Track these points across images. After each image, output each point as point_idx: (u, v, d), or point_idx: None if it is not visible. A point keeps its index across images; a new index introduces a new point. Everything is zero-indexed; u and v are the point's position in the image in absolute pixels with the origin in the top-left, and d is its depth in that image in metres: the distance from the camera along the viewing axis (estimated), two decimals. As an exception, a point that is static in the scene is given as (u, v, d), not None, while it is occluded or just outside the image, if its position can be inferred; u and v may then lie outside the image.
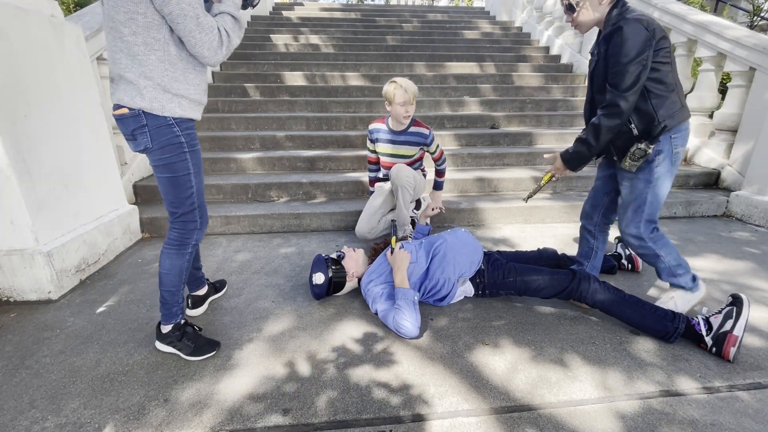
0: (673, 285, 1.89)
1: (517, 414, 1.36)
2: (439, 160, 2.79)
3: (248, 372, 1.56)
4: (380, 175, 2.91)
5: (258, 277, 2.35)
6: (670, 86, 1.59)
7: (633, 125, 1.65)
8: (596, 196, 1.99)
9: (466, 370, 1.57)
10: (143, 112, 1.37)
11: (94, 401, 1.42)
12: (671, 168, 1.68)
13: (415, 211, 2.89)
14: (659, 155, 1.65)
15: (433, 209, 2.75)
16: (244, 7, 1.54)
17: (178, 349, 1.63)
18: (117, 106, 1.39)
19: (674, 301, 1.86)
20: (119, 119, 1.41)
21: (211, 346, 1.66)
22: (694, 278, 1.86)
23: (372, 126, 2.78)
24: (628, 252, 2.34)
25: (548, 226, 3.16)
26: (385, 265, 2.03)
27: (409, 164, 2.76)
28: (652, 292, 2.12)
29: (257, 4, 1.58)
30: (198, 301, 1.98)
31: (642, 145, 1.63)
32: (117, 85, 1.38)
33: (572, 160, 1.82)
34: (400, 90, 2.46)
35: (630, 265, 2.33)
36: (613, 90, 1.58)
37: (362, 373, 1.55)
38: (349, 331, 1.82)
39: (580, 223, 2.09)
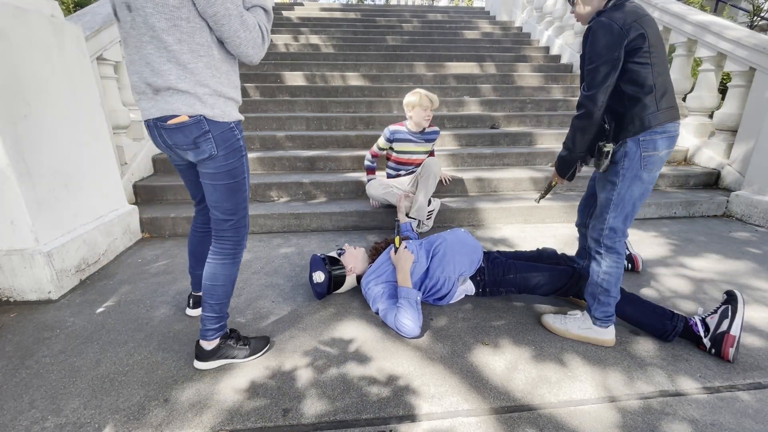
0: (587, 308, 1.75)
1: (517, 414, 1.36)
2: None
3: (248, 372, 1.56)
4: (390, 171, 3.18)
5: (258, 277, 2.35)
6: (646, 88, 1.52)
7: (606, 124, 1.62)
8: (587, 197, 1.97)
9: (466, 370, 1.57)
10: (205, 118, 1.29)
11: (94, 401, 1.42)
12: (640, 172, 1.58)
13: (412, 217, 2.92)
14: (626, 157, 1.58)
15: (446, 180, 3.37)
16: None
17: (232, 357, 1.58)
18: (170, 116, 1.30)
19: (571, 320, 1.76)
20: (177, 128, 1.30)
21: (263, 342, 1.65)
22: (608, 320, 1.70)
23: (393, 128, 2.99)
24: (628, 252, 2.34)
25: (548, 226, 3.16)
26: (386, 264, 2.04)
27: (419, 163, 3.10)
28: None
29: None
30: (200, 302, 1.89)
31: (608, 144, 1.59)
32: (164, 97, 1.28)
33: (559, 166, 1.78)
34: (425, 99, 2.83)
35: (630, 265, 2.33)
36: (582, 90, 1.56)
37: (362, 373, 1.55)
38: (349, 331, 1.82)
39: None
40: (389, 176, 3.19)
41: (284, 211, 3.05)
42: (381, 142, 3.04)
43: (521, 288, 1.94)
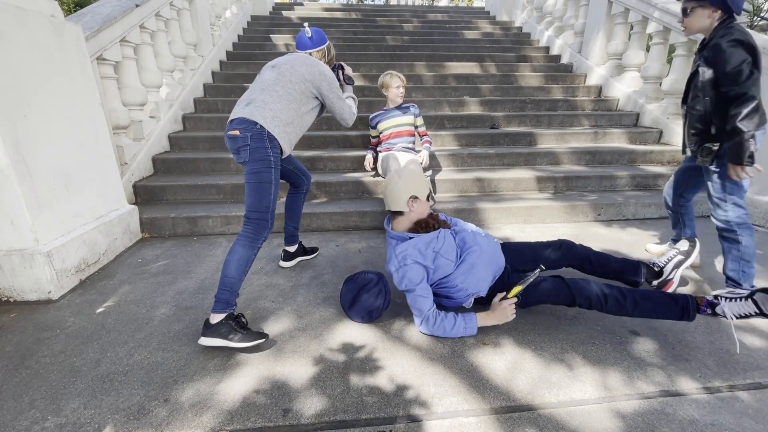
0: (728, 280, 2.03)
1: (517, 414, 1.36)
2: (424, 135, 3.51)
3: (248, 372, 1.56)
4: (379, 149, 3.47)
5: (258, 277, 2.35)
6: None
7: (713, 125, 1.95)
8: (677, 180, 2.35)
9: (466, 370, 1.57)
10: (250, 135, 1.75)
11: (94, 401, 1.42)
12: None
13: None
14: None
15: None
16: (350, 83, 2.27)
17: (228, 339, 1.66)
18: (232, 128, 1.78)
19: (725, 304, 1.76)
20: (231, 138, 1.79)
21: (259, 335, 1.70)
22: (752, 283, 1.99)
23: (372, 115, 3.48)
24: (663, 270, 2.09)
25: (548, 226, 3.15)
26: (432, 250, 1.79)
27: (407, 134, 3.38)
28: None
29: (351, 83, 2.27)
30: (288, 257, 2.49)
31: (708, 145, 1.95)
32: (250, 106, 1.79)
33: (739, 154, 1.85)
34: (395, 79, 3.30)
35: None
36: (737, 88, 1.81)
37: (362, 374, 1.55)
38: (349, 332, 1.82)
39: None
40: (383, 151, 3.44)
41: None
42: (371, 131, 3.53)
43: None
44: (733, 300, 1.62)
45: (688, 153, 2.16)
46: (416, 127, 3.45)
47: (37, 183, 2.05)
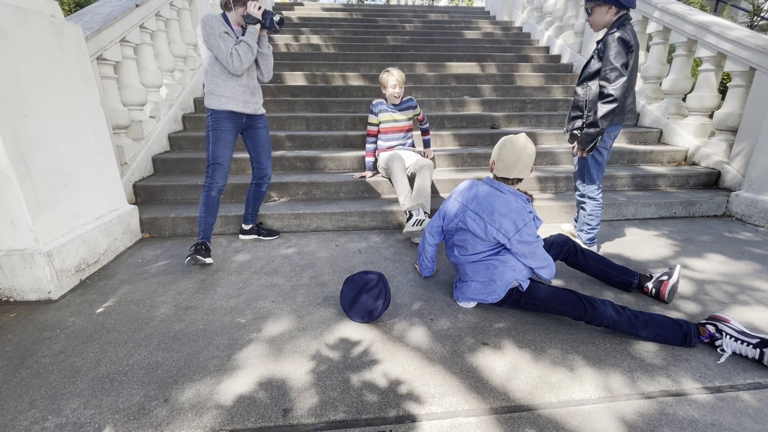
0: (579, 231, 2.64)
1: (517, 414, 1.36)
2: (423, 121, 3.55)
3: (248, 372, 1.56)
4: (382, 144, 3.43)
5: (258, 277, 2.35)
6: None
7: (586, 111, 2.30)
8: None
9: (466, 370, 1.57)
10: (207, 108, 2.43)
11: (94, 401, 1.42)
12: (603, 149, 2.39)
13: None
14: (602, 139, 2.36)
15: (425, 155, 3.47)
16: (274, 31, 2.32)
17: (198, 255, 2.40)
18: None
19: (579, 240, 2.65)
20: None
21: (194, 260, 2.38)
22: (592, 241, 2.60)
23: (375, 101, 3.39)
24: (659, 276, 2.10)
25: (549, 226, 3.15)
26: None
27: (406, 129, 3.41)
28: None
29: (278, 22, 2.29)
30: (242, 232, 2.91)
31: (576, 130, 2.38)
32: None
33: (588, 142, 2.34)
34: (391, 77, 3.23)
35: (654, 291, 2.08)
36: (608, 84, 2.17)
37: (362, 374, 1.55)
38: (349, 332, 1.82)
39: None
40: (382, 150, 3.42)
41: (284, 211, 3.05)
42: (370, 118, 3.38)
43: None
44: (739, 342, 1.61)
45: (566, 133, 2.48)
46: (417, 114, 3.46)
47: (37, 183, 2.05)
